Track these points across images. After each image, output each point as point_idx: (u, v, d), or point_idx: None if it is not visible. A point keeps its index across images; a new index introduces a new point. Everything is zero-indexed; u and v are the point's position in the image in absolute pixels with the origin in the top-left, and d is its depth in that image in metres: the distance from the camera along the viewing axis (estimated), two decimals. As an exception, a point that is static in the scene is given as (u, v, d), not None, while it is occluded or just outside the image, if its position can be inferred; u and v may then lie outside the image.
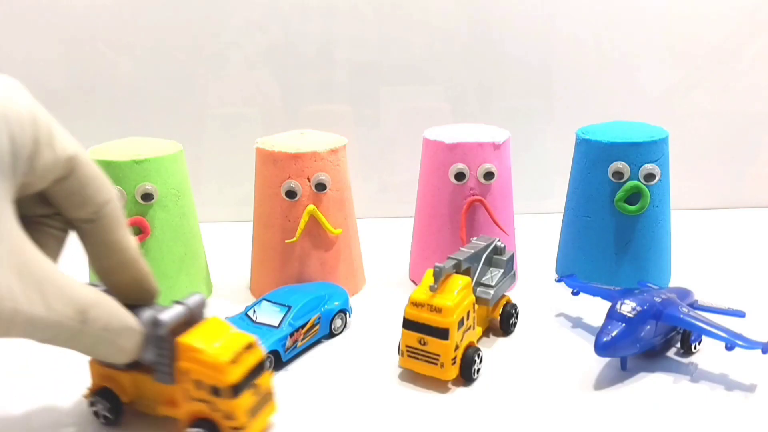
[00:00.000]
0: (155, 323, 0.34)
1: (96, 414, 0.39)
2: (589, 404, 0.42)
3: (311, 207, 0.54)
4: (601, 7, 0.76)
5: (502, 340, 0.51)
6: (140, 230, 0.53)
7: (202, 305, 0.37)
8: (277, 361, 0.46)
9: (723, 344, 0.43)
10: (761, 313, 0.52)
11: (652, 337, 0.45)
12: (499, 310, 0.51)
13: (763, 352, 0.42)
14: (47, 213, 0.33)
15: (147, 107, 0.75)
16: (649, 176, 0.55)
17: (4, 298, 0.27)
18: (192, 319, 0.36)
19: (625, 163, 0.55)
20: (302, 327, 0.48)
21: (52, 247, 0.34)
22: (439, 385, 0.45)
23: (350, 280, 0.59)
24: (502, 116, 0.78)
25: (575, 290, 0.53)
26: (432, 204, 0.58)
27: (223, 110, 0.77)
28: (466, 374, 0.45)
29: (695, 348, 0.48)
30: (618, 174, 0.55)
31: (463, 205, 0.56)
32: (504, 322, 0.51)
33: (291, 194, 0.54)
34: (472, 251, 0.48)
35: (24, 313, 0.28)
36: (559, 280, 0.56)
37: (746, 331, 0.44)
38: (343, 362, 0.48)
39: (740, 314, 0.49)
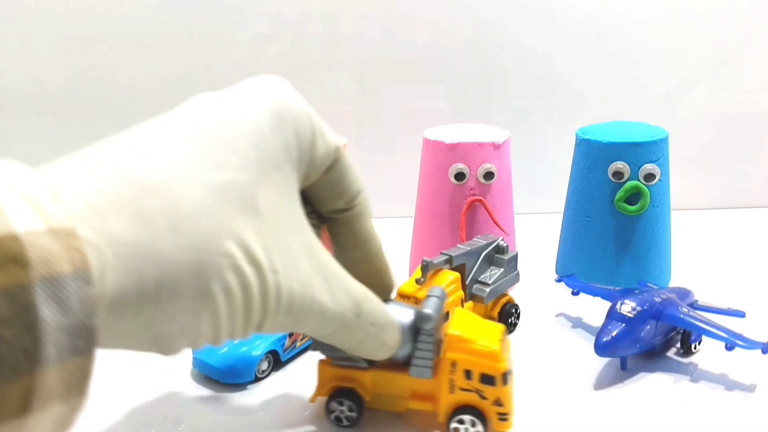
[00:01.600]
0: (423, 317, 0.34)
1: (338, 419, 0.38)
2: (589, 404, 0.42)
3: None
4: (601, 7, 0.76)
5: (502, 340, 0.51)
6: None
7: (446, 297, 0.37)
8: (276, 361, 0.46)
9: (723, 344, 0.43)
10: (761, 313, 0.52)
11: (652, 337, 0.45)
12: (498, 309, 0.51)
13: (763, 352, 0.42)
14: (306, 211, 0.34)
15: (147, 107, 0.75)
16: (649, 176, 0.55)
17: (305, 285, 0.28)
18: (444, 312, 0.37)
19: (625, 163, 0.55)
20: None
21: None
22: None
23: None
24: (502, 116, 0.78)
25: (575, 290, 0.53)
26: (432, 204, 0.58)
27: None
28: None
29: (695, 348, 0.48)
30: (618, 174, 0.55)
31: (463, 205, 0.56)
32: (502, 321, 0.51)
33: (291, 194, 0.54)
34: (468, 248, 0.48)
35: (319, 303, 0.29)
36: (559, 280, 0.56)
37: (746, 331, 0.44)
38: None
39: (740, 314, 0.49)
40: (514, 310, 0.52)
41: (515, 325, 0.52)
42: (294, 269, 0.27)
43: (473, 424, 0.36)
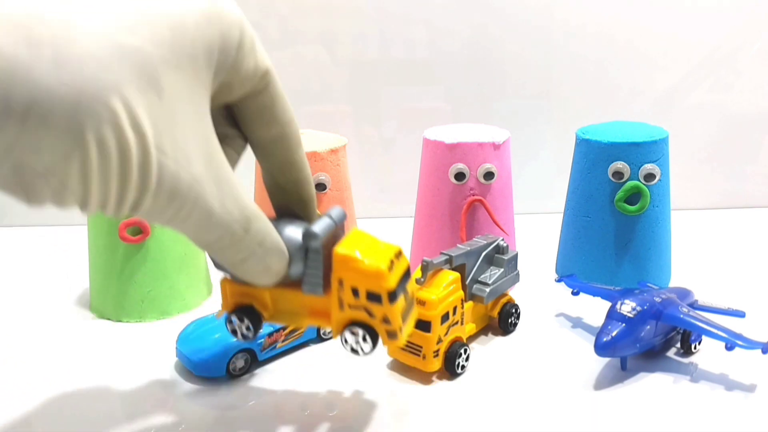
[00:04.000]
0: (310, 235, 0.34)
1: (234, 333, 0.38)
2: (589, 404, 0.42)
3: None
4: (601, 7, 0.76)
5: (500, 339, 0.51)
6: (140, 230, 0.53)
7: (344, 217, 0.37)
8: (253, 360, 0.47)
9: (723, 344, 0.43)
10: (761, 313, 0.52)
11: (652, 337, 0.45)
12: (498, 308, 0.51)
13: (763, 352, 0.42)
14: (231, 134, 0.34)
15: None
16: (649, 176, 0.55)
17: (194, 179, 0.27)
18: (338, 231, 0.37)
19: (625, 163, 0.55)
20: (283, 328, 0.48)
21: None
22: (425, 378, 0.45)
23: (350, 280, 0.59)
24: (502, 116, 0.78)
25: (575, 290, 0.53)
26: (432, 204, 0.58)
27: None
28: (450, 368, 0.45)
29: (695, 348, 0.48)
30: (618, 174, 0.55)
31: (463, 205, 0.56)
32: (502, 321, 0.51)
33: (291, 194, 0.54)
34: (468, 248, 0.48)
35: (205, 202, 0.28)
36: (559, 280, 0.56)
37: (746, 331, 0.44)
38: (336, 356, 0.48)
39: (740, 314, 0.49)
40: (514, 310, 0.52)
41: (515, 325, 0.52)
42: (185, 160, 0.27)
43: (364, 339, 0.36)
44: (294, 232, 0.35)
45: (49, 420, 0.42)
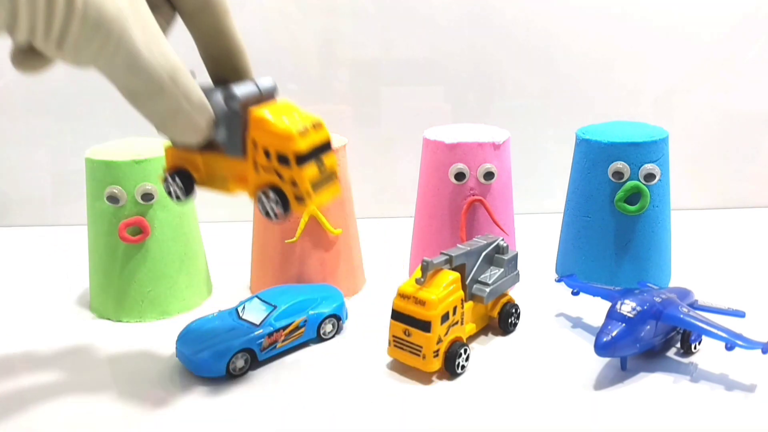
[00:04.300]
0: (229, 96, 0.36)
1: (169, 193, 0.40)
2: (589, 404, 0.42)
3: (311, 207, 0.54)
4: (601, 8, 0.76)
5: (500, 338, 0.51)
6: (140, 230, 0.53)
7: (273, 89, 0.38)
8: (253, 360, 0.47)
9: (723, 344, 0.43)
10: (761, 313, 0.52)
11: (652, 337, 0.45)
12: (498, 308, 0.51)
13: (763, 352, 0.42)
14: (158, 2, 0.35)
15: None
16: (649, 176, 0.55)
17: (120, 12, 0.28)
18: (262, 98, 0.38)
19: (625, 163, 0.55)
20: (284, 328, 0.48)
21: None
22: (424, 378, 0.45)
23: (350, 280, 0.59)
24: (502, 116, 0.78)
25: (575, 290, 0.53)
26: (432, 204, 0.58)
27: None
28: (450, 368, 0.45)
29: (695, 348, 0.48)
30: (618, 174, 0.55)
31: (463, 205, 0.56)
32: (502, 321, 0.51)
33: (291, 194, 0.54)
34: (468, 248, 0.48)
35: (131, 40, 0.29)
36: (559, 280, 0.56)
37: (746, 331, 0.44)
38: (336, 356, 0.49)
39: (740, 314, 0.49)
40: (514, 310, 0.52)
41: (515, 325, 0.52)
42: None
43: (276, 202, 0.37)
44: (221, 96, 0.36)
45: (49, 419, 0.42)
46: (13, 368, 0.48)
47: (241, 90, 0.36)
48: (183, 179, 0.40)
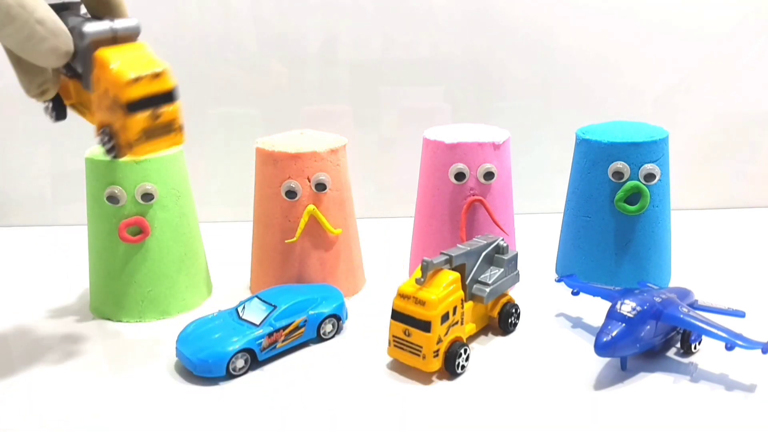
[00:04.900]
0: (78, 33, 0.37)
1: (46, 109, 0.42)
2: (589, 404, 0.42)
3: (311, 207, 0.54)
4: (601, 8, 0.76)
5: (500, 338, 0.51)
6: (140, 230, 0.53)
7: (132, 30, 0.39)
8: (254, 360, 0.47)
9: (723, 344, 0.43)
10: (761, 313, 0.52)
11: (652, 337, 0.45)
12: (498, 308, 0.51)
13: (763, 352, 0.42)
14: None
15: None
16: (649, 176, 0.55)
17: None
18: (118, 39, 0.38)
19: (625, 163, 0.55)
20: (284, 328, 0.48)
21: None
22: (424, 378, 0.45)
23: (350, 280, 0.59)
24: (502, 116, 0.78)
25: (575, 290, 0.53)
26: (432, 204, 0.58)
27: (223, 110, 0.77)
28: (450, 368, 0.45)
29: (695, 348, 0.48)
30: (618, 174, 0.55)
31: (463, 205, 0.56)
32: (502, 321, 0.51)
33: (291, 194, 0.54)
34: (468, 248, 0.48)
35: None
36: (559, 280, 0.56)
37: (746, 331, 0.44)
38: (336, 356, 0.48)
39: (740, 314, 0.49)
40: (514, 310, 0.52)
41: (515, 325, 0.52)
42: None
43: (109, 141, 0.37)
44: (75, 27, 0.37)
45: (48, 419, 0.42)
46: (13, 368, 0.48)
47: (92, 27, 0.37)
48: (55, 104, 0.42)
